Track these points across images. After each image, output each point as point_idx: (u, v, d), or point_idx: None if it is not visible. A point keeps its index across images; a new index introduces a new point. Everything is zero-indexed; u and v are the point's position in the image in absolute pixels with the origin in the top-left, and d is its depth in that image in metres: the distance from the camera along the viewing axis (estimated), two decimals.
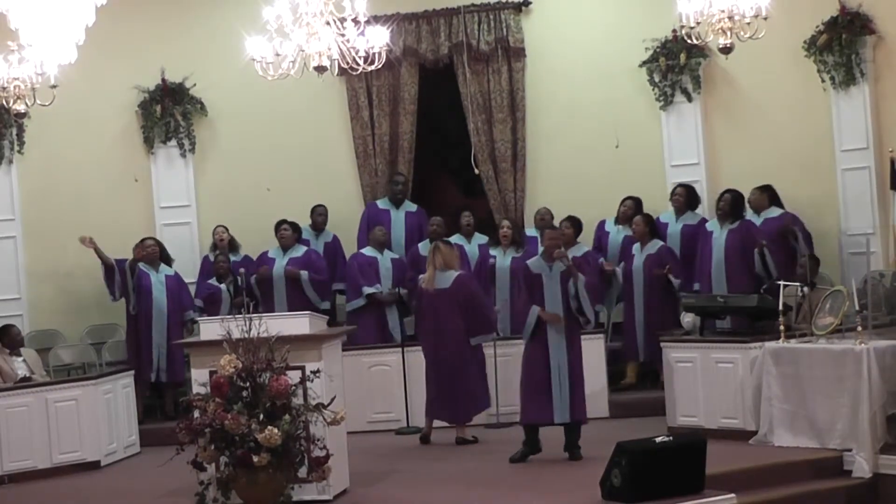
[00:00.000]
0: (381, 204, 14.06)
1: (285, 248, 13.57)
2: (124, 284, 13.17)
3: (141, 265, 13.27)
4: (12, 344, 12.22)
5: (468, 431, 11.73)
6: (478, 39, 14.23)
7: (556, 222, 13.02)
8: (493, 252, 13.33)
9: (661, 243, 12.96)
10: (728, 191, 12.94)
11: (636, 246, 13.05)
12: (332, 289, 13.82)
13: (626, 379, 13.12)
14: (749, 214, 12.96)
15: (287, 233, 13.58)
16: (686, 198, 13.34)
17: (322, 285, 13.56)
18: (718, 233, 12.80)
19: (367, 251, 13.48)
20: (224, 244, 13.78)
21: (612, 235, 13.46)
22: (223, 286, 13.42)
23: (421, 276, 12.04)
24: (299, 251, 13.59)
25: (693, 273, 12.94)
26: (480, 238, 13.59)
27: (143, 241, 13.45)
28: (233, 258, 13.72)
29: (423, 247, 13.13)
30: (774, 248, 12.62)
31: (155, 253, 13.36)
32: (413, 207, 14.08)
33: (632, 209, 13.37)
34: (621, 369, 13.17)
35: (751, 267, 12.56)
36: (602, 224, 13.63)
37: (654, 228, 13.04)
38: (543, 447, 10.71)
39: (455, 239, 13.37)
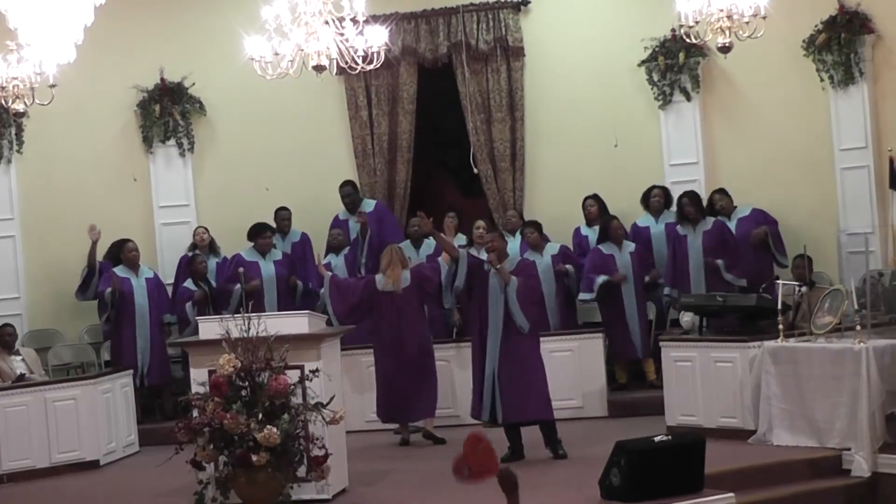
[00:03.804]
0: (342, 215, 13.95)
1: (264, 254, 13.48)
2: (102, 299, 13.06)
3: (120, 270, 13.19)
4: (4, 343, 12.20)
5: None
6: (476, 39, 14.23)
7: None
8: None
9: (634, 244, 13.01)
10: (685, 194, 12.98)
11: (608, 245, 12.99)
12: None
13: (617, 380, 13.06)
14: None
15: (269, 239, 13.49)
16: (665, 198, 13.39)
17: (312, 297, 13.42)
18: (693, 236, 12.81)
19: (328, 258, 13.43)
20: (205, 245, 13.72)
21: (591, 238, 13.38)
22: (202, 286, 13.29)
23: (377, 277, 11.76)
24: (278, 255, 13.54)
25: (668, 275, 12.99)
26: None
27: (125, 242, 13.34)
28: (213, 259, 13.63)
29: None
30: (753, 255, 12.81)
31: (136, 257, 13.31)
32: (370, 206, 13.92)
33: (595, 207, 13.40)
34: (610, 370, 13.07)
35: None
36: (578, 230, 13.58)
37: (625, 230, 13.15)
38: (538, 448, 10.67)
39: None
